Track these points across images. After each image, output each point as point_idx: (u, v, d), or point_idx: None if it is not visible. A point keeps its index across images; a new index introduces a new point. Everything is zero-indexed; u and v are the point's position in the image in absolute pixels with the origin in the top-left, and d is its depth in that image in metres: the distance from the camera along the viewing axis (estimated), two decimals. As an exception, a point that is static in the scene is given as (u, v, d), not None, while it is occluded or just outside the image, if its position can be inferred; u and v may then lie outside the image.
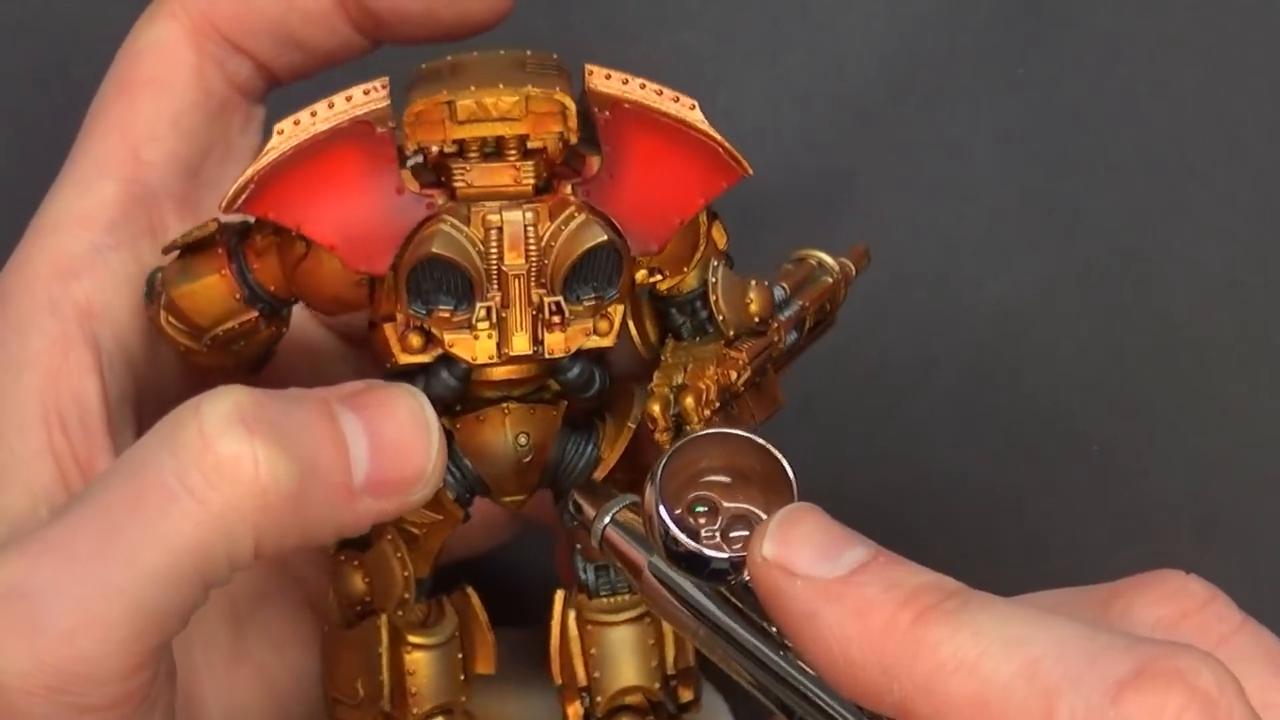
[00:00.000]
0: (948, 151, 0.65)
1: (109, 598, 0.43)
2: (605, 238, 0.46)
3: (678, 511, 0.45)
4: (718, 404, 0.48)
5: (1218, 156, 0.66)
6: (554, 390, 0.49)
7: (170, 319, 0.49)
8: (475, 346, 0.46)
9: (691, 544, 0.44)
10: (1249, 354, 0.65)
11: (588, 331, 0.47)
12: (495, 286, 0.46)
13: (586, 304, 0.47)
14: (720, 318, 0.48)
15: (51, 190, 0.52)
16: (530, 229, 0.46)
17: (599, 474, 0.49)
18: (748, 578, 0.43)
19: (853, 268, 0.53)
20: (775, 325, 0.49)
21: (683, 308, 0.49)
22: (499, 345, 0.46)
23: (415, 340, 0.47)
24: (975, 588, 0.41)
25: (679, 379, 0.47)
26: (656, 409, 0.47)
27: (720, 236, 0.49)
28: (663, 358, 0.48)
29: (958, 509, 0.65)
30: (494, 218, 0.46)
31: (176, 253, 0.49)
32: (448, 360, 0.47)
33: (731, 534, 0.45)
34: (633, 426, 0.49)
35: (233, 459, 0.43)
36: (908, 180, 0.57)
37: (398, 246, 0.46)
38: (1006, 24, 0.66)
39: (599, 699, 0.50)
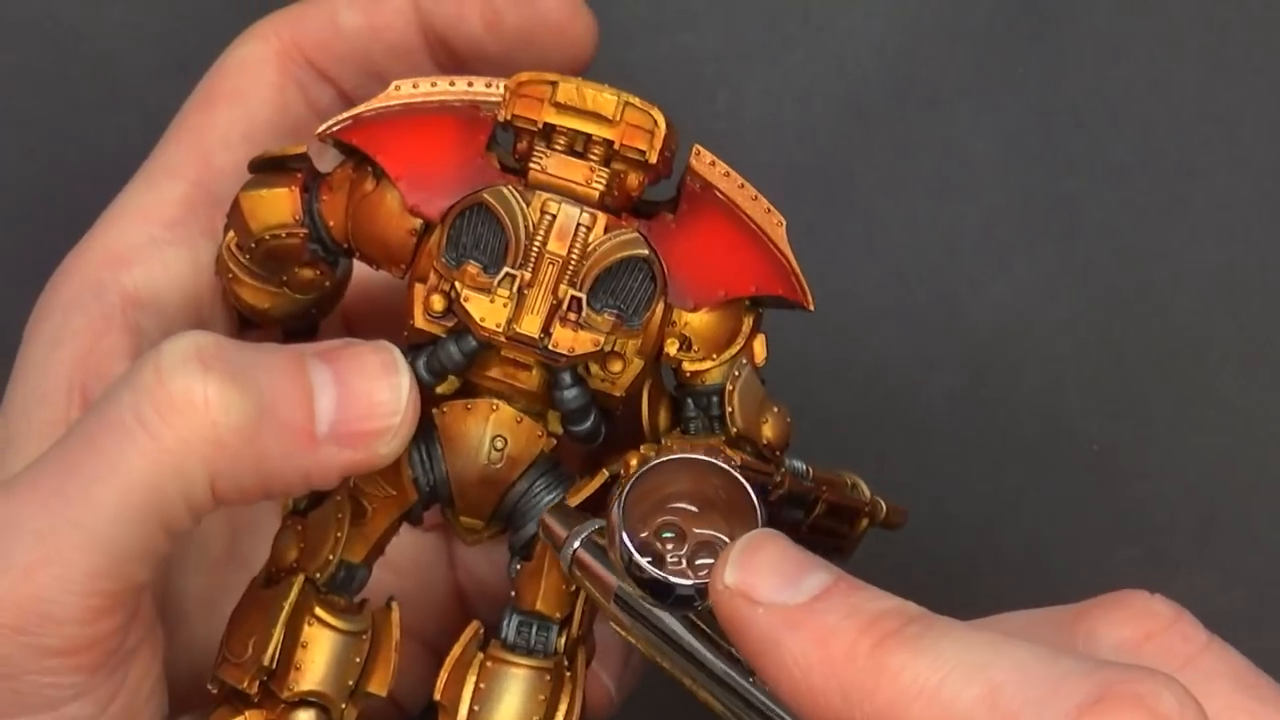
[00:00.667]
0: (948, 151, 0.65)
1: (65, 532, 0.44)
2: (646, 251, 0.47)
3: (644, 535, 0.45)
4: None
5: (1217, 156, 0.66)
6: (550, 424, 0.49)
7: (228, 244, 0.50)
8: (488, 310, 0.46)
9: (655, 571, 0.44)
10: (1249, 354, 0.65)
11: (597, 343, 0.47)
12: (528, 266, 0.46)
13: (606, 316, 0.47)
14: (730, 412, 0.48)
15: (126, 187, 0.53)
16: (583, 229, 0.47)
17: (571, 499, 0.49)
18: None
19: (884, 509, 0.53)
20: (782, 471, 0.49)
21: (699, 400, 0.49)
22: (510, 320, 0.46)
23: (437, 303, 0.47)
24: (976, 588, 0.41)
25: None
26: (634, 461, 0.47)
27: (760, 350, 0.49)
28: (662, 441, 0.49)
29: (957, 509, 0.65)
30: (553, 206, 0.47)
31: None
32: (458, 336, 0.47)
33: (697, 560, 0.45)
34: (605, 472, 0.49)
35: (184, 393, 0.44)
36: (908, 180, 0.57)
37: (456, 198, 0.47)
38: (1006, 24, 0.66)
39: None
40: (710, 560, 0.44)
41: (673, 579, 0.44)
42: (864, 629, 0.40)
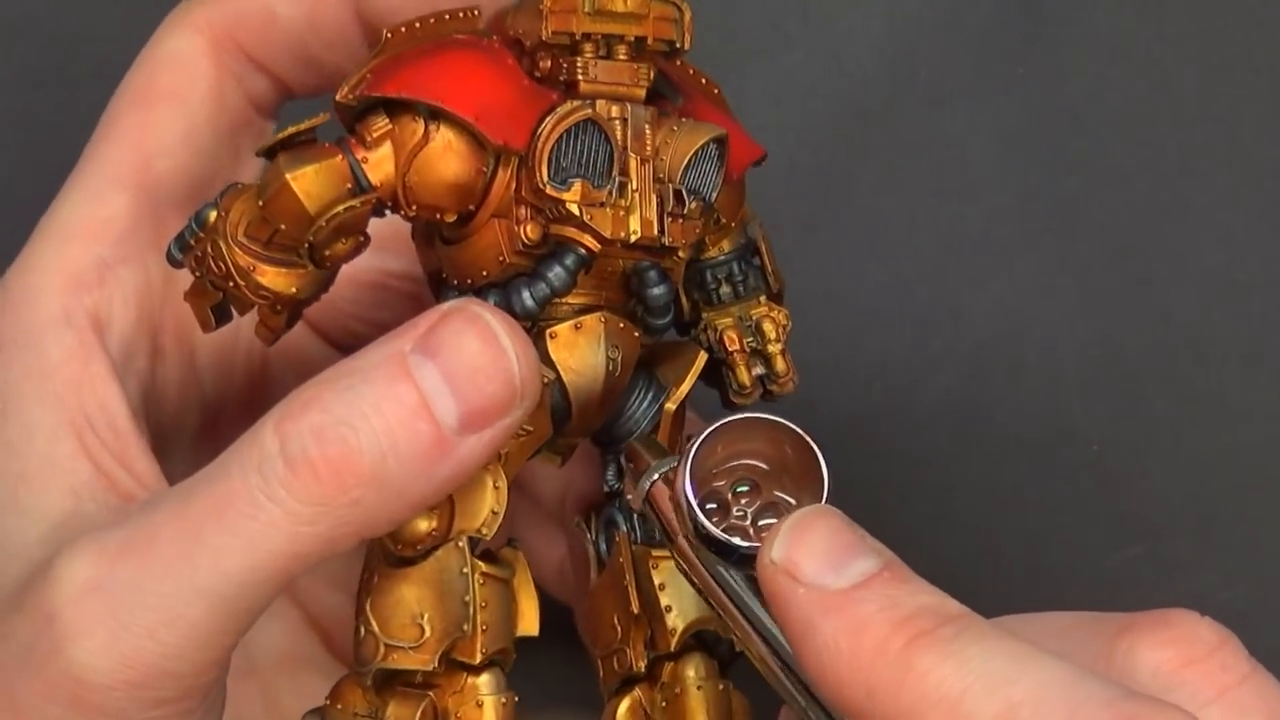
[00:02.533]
0: (948, 151, 0.65)
1: (192, 598, 0.44)
2: (722, 131, 0.47)
3: (719, 485, 0.45)
4: (783, 340, 0.49)
5: (1218, 156, 0.65)
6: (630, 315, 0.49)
7: (247, 235, 0.48)
8: (610, 221, 0.46)
9: (716, 532, 0.44)
10: (1249, 354, 0.65)
11: (697, 230, 0.47)
12: (627, 173, 0.47)
13: (694, 204, 0.47)
14: (771, 269, 0.50)
15: (61, 194, 0.52)
16: (649, 125, 0.47)
17: (671, 403, 0.49)
18: None
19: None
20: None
21: (718, 269, 0.50)
22: (627, 226, 0.47)
23: (534, 232, 0.47)
24: (976, 588, 0.41)
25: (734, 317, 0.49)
26: (733, 332, 0.49)
27: (749, 210, 0.50)
28: (714, 313, 0.50)
29: (957, 509, 0.65)
30: (616, 109, 0.47)
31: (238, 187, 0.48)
32: (560, 257, 0.47)
33: (761, 521, 0.45)
34: (704, 354, 0.49)
35: (306, 466, 0.44)
36: (908, 180, 0.57)
37: (534, 123, 0.47)
38: (1006, 24, 0.66)
39: (673, 629, 0.49)
40: (773, 521, 0.44)
41: (733, 540, 0.44)
42: (898, 625, 0.40)
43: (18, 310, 0.50)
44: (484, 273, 0.48)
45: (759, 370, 0.50)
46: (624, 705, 0.50)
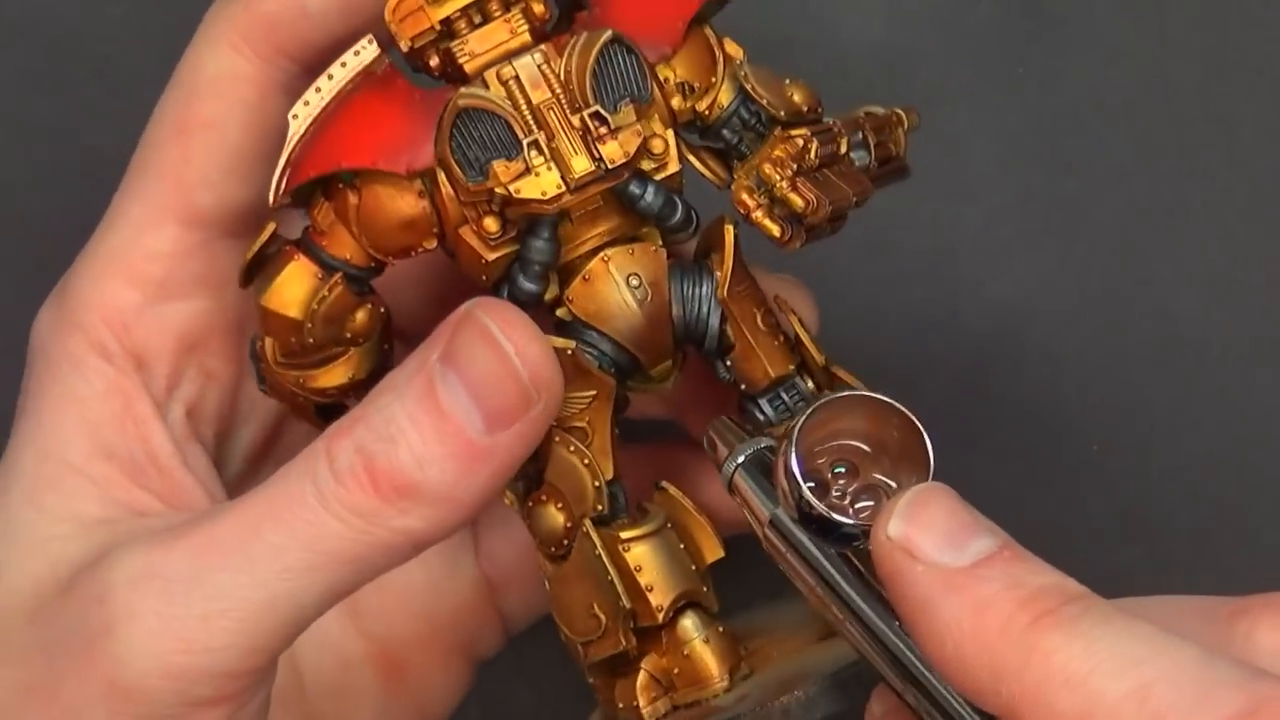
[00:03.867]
0: (948, 151, 0.65)
1: (248, 590, 0.45)
2: (611, 33, 0.47)
3: (820, 461, 0.45)
4: (796, 168, 0.48)
5: (1217, 156, 0.65)
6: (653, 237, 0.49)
7: (283, 355, 0.49)
8: (540, 182, 0.46)
9: (823, 508, 0.44)
10: (1249, 354, 0.65)
11: (639, 134, 0.47)
12: (536, 127, 0.47)
13: (625, 110, 0.47)
14: (764, 102, 0.49)
15: (104, 222, 0.52)
16: (543, 66, 0.47)
17: (721, 291, 0.49)
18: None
19: (904, 116, 0.53)
20: (833, 121, 0.50)
21: (730, 124, 0.49)
22: (562, 176, 0.46)
23: (492, 224, 0.47)
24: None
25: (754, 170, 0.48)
26: (744, 194, 0.48)
27: (735, 50, 0.50)
28: (735, 176, 0.49)
29: (958, 509, 0.65)
30: (506, 70, 0.47)
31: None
32: (531, 232, 0.47)
33: (858, 503, 0.45)
34: (730, 227, 0.49)
35: (353, 478, 0.45)
36: (908, 180, 0.57)
37: (431, 136, 0.47)
38: (1006, 24, 0.66)
39: (659, 606, 0.49)
40: (870, 503, 0.44)
41: (839, 518, 0.44)
42: (1023, 603, 0.40)
43: (59, 337, 0.51)
44: (483, 277, 0.48)
45: (782, 212, 0.49)
46: (639, 681, 0.50)
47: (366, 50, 0.48)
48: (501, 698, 0.60)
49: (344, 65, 0.48)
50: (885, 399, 0.45)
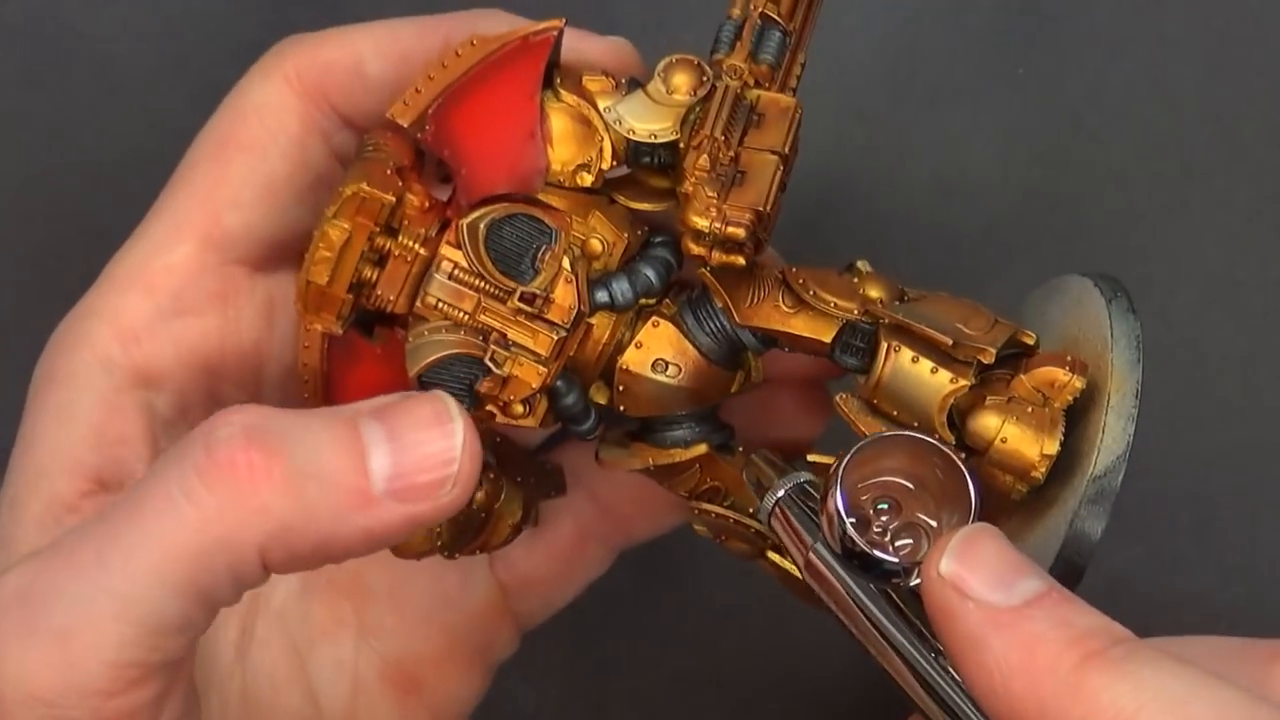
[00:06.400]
0: (948, 151, 0.65)
1: (101, 600, 0.43)
2: (481, 214, 0.47)
3: (864, 498, 0.45)
4: (716, 175, 0.47)
5: (1217, 156, 0.65)
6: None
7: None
8: (524, 377, 0.48)
9: (864, 545, 0.44)
10: (1249, 354, 0.65)
11: (569, 278, 0.47)
12: (485, 339, 0.47)
13: (544, 266, 0.47)
14: (645, 135, 0.48)
15: (129, 240, 0.51)
16: (455, 274, 0.48)
17: (733, 320, 0.49)
18: (914, 583, 0.43)
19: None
20: (718, 83, 0.49)
21: (638, 151, 0.49)
22: (536, 360, 0.48)
23: (518, 409, 0.48)
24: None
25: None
26: (693, 247, 0.47)
27: (595, 85, 0.49)
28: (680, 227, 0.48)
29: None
30: (429, 298, 0.48)
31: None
32: (553, 394, 0.49)
33: (899, 541, 0.45)
34: (703, 271, 0.49)
35: (228, 463, 0.43)
36: (908, 180, 0.57)
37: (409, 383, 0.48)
38: (1006, 24, 0.66)
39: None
40: (909, 541, 0.45)
41: (880, 555, 0.44)
42: (1071, 643, 0.40)
43: (65, 353, 0.50)
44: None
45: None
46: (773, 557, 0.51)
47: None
48: (501, 698, 0.60)
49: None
50: (929, 439, 0.46)
